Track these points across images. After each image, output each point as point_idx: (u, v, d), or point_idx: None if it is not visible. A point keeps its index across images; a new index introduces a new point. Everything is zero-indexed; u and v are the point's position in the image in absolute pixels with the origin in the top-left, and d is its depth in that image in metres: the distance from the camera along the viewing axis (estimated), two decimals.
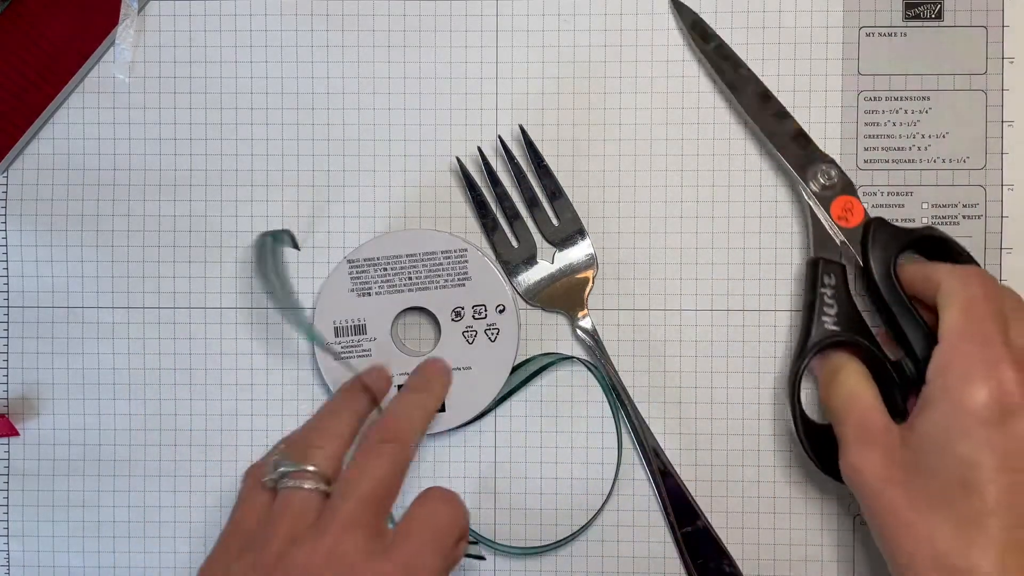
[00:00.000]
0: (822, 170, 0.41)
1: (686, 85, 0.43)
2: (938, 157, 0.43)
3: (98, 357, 0.44)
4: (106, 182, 0.44)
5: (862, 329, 0.40)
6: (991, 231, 0.43)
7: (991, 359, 0.34)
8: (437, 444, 0.43)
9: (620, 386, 0.42)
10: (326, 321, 0.42)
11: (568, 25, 0.43)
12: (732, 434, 0.43)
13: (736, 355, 0.43)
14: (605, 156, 0.43)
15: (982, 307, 0.35)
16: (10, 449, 0.44)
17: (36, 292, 0.44)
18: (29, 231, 0.44)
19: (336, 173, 0.44)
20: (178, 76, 0.44)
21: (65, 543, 0.44)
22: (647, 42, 0.43)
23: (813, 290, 0.40)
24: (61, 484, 0.44)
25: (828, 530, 0.43)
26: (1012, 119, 0.42)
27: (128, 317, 0.44)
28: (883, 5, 0.43)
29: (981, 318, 0.35)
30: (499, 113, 0.43)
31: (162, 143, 0.44)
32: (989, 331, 0.34)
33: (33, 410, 0.44)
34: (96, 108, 0.44)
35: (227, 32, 0.44)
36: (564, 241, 0.43)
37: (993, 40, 0.42)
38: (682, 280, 0.43)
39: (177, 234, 0.44)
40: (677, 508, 0.42)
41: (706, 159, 0.43)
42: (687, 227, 0.43)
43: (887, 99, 0.43)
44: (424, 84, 0.44)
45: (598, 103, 0.43)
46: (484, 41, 0.43)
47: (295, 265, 0.44)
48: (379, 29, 0.44)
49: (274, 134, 0.44)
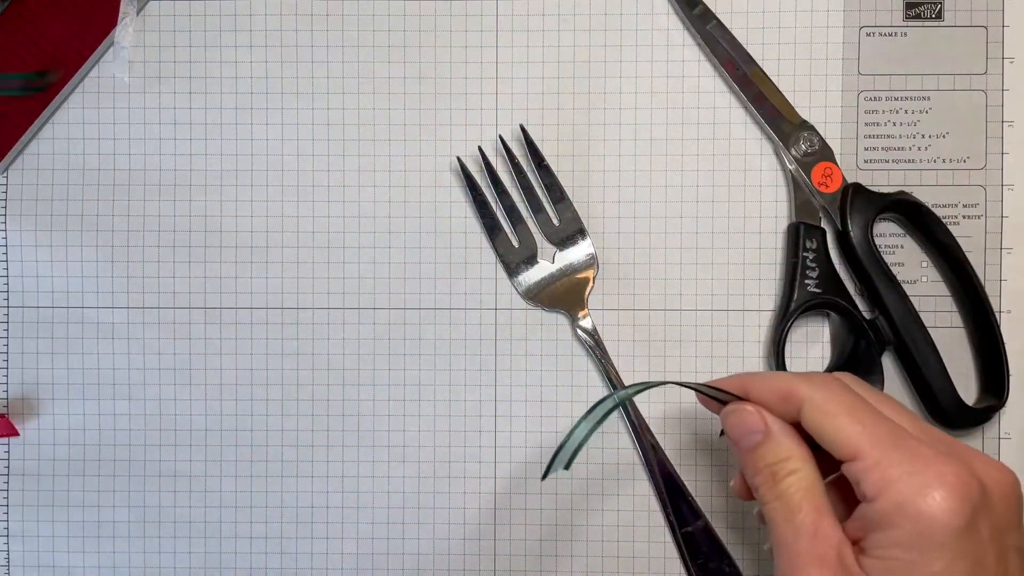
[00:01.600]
0: (804, 137, 0.42)
1: (686, 85, 0.43)
2: (938, 157, 0.43)
3: (98, 357, 0.44)
4: (106, 182, 0.44)
5: (841, 291, 0.42)
6: (991, 231, 0.43)
7: (925, 457, 0.30)
8: (437, 444, 0.43)
9: (620, 385, 0.42)
10: None
11: (568, 25, 0.43)
12: None
13: (737, 355, 0.43)
14: (605, 156, 0.43)
15: (869, 410, 0.31)
16: (10, 449, 0.44)
17: (36, 292, 0.44)
18: (29, 231, 0.44)
19: (336, 173, 0.44)
20: (178, 76, 0.44)
21: (65, 543, 0.44)
22: (647, 42, 0.43)
23: (795, 254, 0.42)
24: (61, 484, 0.44)
25: None
26: (1012, 119, 0.42)
27: (128, 317, 0.44)
28: (883, 5, 0.43)
29: (877, 422, 0.31)
30: (499, 113, 0.43)
31: (162, 143, 0.44)
32: (896, 430, 0.31)
33: (33, 410, 0.44)
34: (96, 108, 0.44)
35: (227, 32, 0.44)
36: (564, 241, 0.43)
37: (993, 40, 0.42)
38: (682, 280, 0.43)
39: (177, 234, 0.44)
40: (677, 508, 0.42)
41: (706, 159, 0.43)
42: (687, 227, 0.43)
43: (887, 99, 0.43)
44: (424, 84, 0.43)
45: (598, 103, 0.43)
46: (484, 41, 0.43)
47: (293, 266, 0.44)
48: (379, 29, 0.44)
49: (274, 134, 0.44)
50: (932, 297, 0.43)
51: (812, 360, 0.43)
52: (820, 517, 0.31)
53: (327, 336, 0.44)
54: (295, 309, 0.44)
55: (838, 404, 0.31)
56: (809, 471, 0.32)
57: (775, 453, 0.32)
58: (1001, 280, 0.42)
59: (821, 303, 0.42)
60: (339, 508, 0.44)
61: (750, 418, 0.33)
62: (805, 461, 0.32)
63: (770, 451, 0.32)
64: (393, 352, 0.43)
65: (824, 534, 0.31)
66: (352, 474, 0.44)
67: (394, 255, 0.44)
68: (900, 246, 0.43)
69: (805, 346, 0.43)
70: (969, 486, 0.29)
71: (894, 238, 0.43)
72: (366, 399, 0.43)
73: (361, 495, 0.44)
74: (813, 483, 0.31)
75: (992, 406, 0.42)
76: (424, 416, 0.43)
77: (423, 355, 0.43)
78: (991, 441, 0.43)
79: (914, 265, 0.43)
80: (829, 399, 0.31)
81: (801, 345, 0.43)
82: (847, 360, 0.42)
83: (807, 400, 0.31)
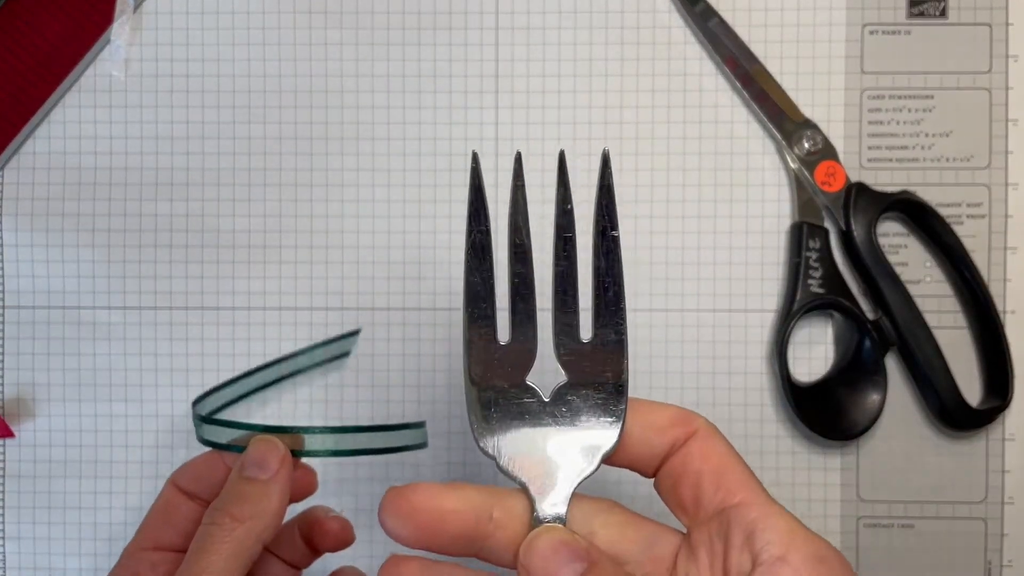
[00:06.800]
0: (807, 135, 0.42)
1: (688, 83, 0.43)
2: (942, 156, 0.42)
3: (95, 358, 0.44)
4: (102, 181, 0.44)
5: (844, 291, 0.41)
6: (995, 230, 0.42)
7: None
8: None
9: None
10: None
11: (569, 23, 0.43)
12: (735, 435, 0.42)
13: (739, 356, 0.43)
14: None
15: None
16: (6, 451, 0.44)
17: (32, 292, 0.44)
18: (25, 231, 0.44)
19: (335, 172, 0.43)
20: (175, 74, 0.44)
21: (61, 545, 0.44)
22: (648, 40, 0.43)
23: (798, 254, 0.41)
24: (57, 486, 0.44)
25: (831, 532, 0.42)
26: (1016, 117, 0.42)
27: (125, 317, 0.44)
28: (887, 3, 0.42)
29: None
30: (499, 112, 0.43)
31: (159, 141, 0.44)
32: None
33: (29, 411, 0.44)
34: (92, 106, 0.44)
35: (224, 30, 0.43)
36: (583, 376, 0.27)
37: (997, 38, 0.42)
38: (684, 280, 0.43)
39: (174, 233, 0.44)
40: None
41: (708, 158, 0.43)
42: (689, 227, 0.43)
43: (891, 97, 0.42)
44: (424, 83, 0.43)
45: (599, 102, 0.43)
46: (484, 40, 0.43)
47: (292, 265, 0.43)
48: (379, 27, 0.43)
49: (272, 133, 0.43)
50: (936, 297, 0.42)
51: (815, 360, 0.43)
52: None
53: (326, 336, 0.43)
54: (293, 309, 0.43)
55: (728, 442, 0.27)
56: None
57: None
58: (1005, 280, 0.42)
59: (824, 303, 0.41)
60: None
61: (571, 545, 0.25)
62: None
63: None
64: (392, 352, 0.43)
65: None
66: (351, 476, 0.43)
67: (394, 255, 0.43)
68: (904, 246, 0.43)
69: (808, 347, 0.43)
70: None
71: (898, 238, 0.43)
72: (365, 399, 0.43)
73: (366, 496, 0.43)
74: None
75: (996, 407, 0.41)
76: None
77: (423, 355, 0.43)
78: (995, 443, 0.42)
79: (918, 265, 0.43)
80: (720, 434, 0.27)
81: (804, 346, 0.43)
82: (850, 361, 0.42)
83: (705, 428, 0.27)
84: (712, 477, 0.26)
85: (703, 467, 0.27)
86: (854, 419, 0.41)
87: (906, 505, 0.42)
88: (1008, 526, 0.42)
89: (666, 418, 0.27)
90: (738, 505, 0.26)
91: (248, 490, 0.31)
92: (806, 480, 0.43)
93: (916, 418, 0.42)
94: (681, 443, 0.27)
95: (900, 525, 0.42)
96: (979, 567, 0.42)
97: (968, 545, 0.42)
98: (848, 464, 0.43)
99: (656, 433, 0.27)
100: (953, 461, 0.42)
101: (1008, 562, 0.42)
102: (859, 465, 0.43)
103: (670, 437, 0.27)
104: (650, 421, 0.27)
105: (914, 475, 0.42)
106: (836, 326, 0.43)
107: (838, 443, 0.42)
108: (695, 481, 0.27)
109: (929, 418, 0.42)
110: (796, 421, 0.42)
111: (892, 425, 0.42)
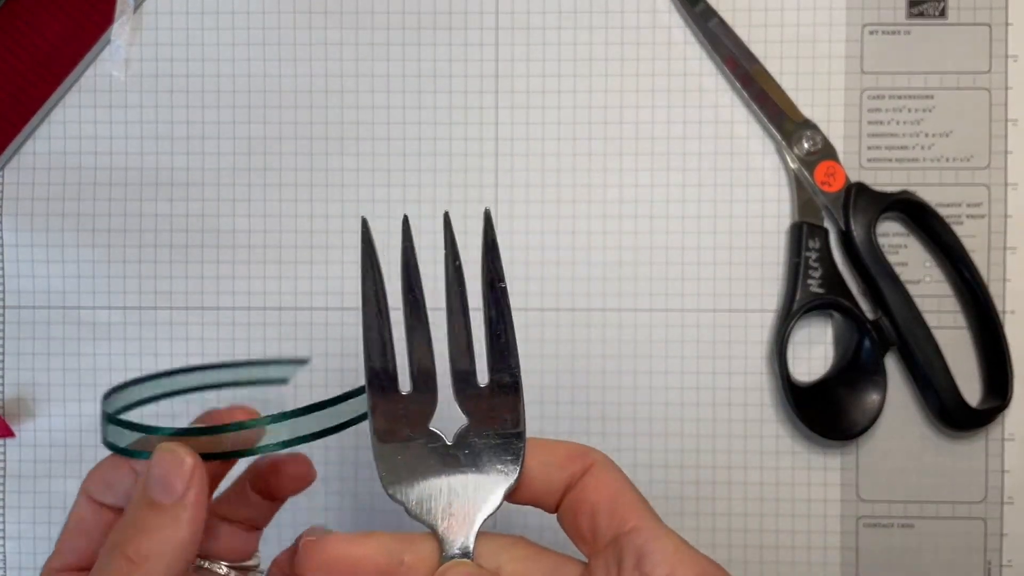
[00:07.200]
0: (806, 135, 0.42)
1: (688, 83, 0.43)
2: (942, 156, 0.42)
3: (94, 358, 0.44)
4: (103, 181, 0.44)
5: (844, 291, 0.41)
6: (995, 230, 0.42)
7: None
8: None
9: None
10: None
11: (569, 23, 0.43)
12: (734, 435, 0.43)
13: (738, 356, 0.43)
14: (606, 155, 0.43)
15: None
16: (6, 450, 0.44)
17: (32, 292, 0.44)
18: (25, 230, 0.44)
19: (335, 172, 0.43)
20: (175, 74, 0.44)
21: None
22: (648, 40, 0.43)
23: (798, 254, 0.41)
24: (57, 485, 0.44)
25: (831, 532, 0.42)
26: (1016, 117, 0.42)
27: (124, 317, 0.44)
28: (887, 3, 0.42)
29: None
30: (499, 112, 0.43)
31: (159, 141, 0.44)
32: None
33: (29, 411, 0.44)
34: (93, 106, 0.44)
35: (224, 30, 0.43)
36: (480, 418, 0.28)
37: (997, 38, 0.42)
38: (683, 280, 0.43)
39: (174, 233, 0.44)
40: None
41: (708, 158, 0.43)
42: (688, 227, 0.43)
43: (890, 97, 0.42)
44: (423, 83, 0.43)
45: (599, 101, 0.43)
46: (484, 40, 0.43)
47: (292, 265, 0.43)
48: (379, 27, 0.43)
49: (272, 133, 0.43)
50: (936, 297, 0.42)
51: (815, 360, 0.43)
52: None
53: (326, 336, 0.43)
54: (293, 309, 0.43)
55: (622, 473, 0.28)
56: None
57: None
58: (1005, 280, 0.42)
59: (824, 303, 0.41)
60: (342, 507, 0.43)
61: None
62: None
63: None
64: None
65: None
66: (352, 475, 0.43)
67: (393, 255, 0.43)
68: (904, 246, 0.43)
69: (808, 347, 0.43)
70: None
71: (897, 238, 0.43)
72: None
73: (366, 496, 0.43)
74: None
75: (996, 407, 0.41)
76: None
77: None
78: (995, 443, 0.42)
79: (918, 265, 0.43)
80: (614, 466, 0.28)
81: (803, 346, 0.43)
82: (850, 361, 0.42)
83: (601, 461, 0.28)
84: (607, 506, 0.27)
85: (598, 498, 0.27)
86: (854, 419, 0.41)
87: (906, 505, 0.42)
88: (1008, 526, 0.42)
89: (563, 454, 0.28)
90: (629, 532, 0.27)
91: (149, 519, 0.26)
92: (806, 480, 0.43)
93: (916, 418, 0.42)
94: (578, 477, 0.28)
95: (900, 525, 0.42)
96: (979, 567, 0.42)
97: (968, 545, 0.42)
98: (848, 464, 0.43)
99: (555, 469, 0.28)
100: (953, 461, 0.42)
101: (1008, 562, 0.42)
102: (859, 465, 0.43)
103: (568, 472, 0.28)
104: (548, 458, 0.28)
105: (914, 475, 0.42)
106: (836, 326, 0.43)
107: (838, 443, 0.42)
108: (591, 511, 0.27)
109: (929, 418, 0.42)
110: (796, 421, 0.42)
111: (892, 425, 0.42)
